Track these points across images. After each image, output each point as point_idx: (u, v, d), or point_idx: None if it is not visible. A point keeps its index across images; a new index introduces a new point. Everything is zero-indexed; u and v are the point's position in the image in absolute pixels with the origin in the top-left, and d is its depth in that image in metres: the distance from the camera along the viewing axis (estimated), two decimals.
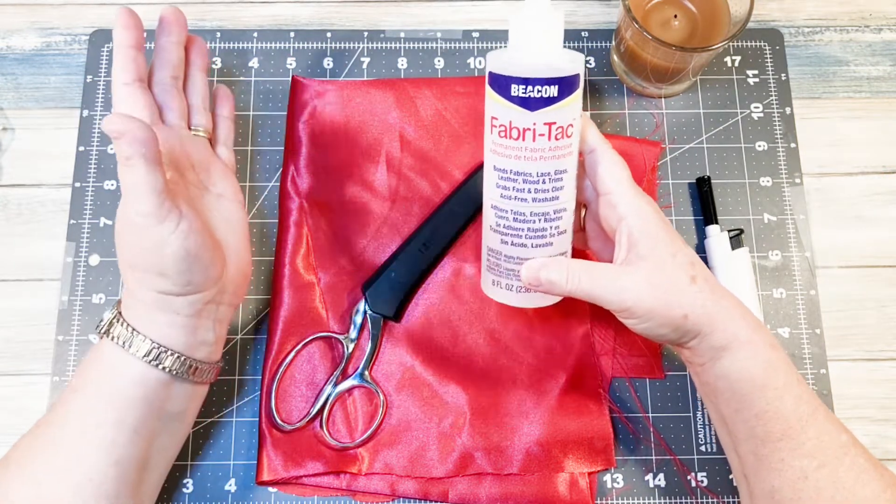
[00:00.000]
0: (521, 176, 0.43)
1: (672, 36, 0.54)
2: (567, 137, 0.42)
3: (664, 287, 0.41)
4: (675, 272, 0.42)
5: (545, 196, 0.43)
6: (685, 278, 0.42)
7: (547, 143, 0.42)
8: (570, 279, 0.43)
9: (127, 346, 0.42)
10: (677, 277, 0.42)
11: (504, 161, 0.43)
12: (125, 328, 0.42)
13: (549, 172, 0.43)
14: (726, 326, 0.41)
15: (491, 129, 0.43)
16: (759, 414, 0.41)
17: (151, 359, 0.42)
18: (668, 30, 0.54)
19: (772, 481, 0.41)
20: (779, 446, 0.41)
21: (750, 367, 0.41)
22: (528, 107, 0.41)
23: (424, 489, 0.50)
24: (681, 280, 0.42)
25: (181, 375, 0.43)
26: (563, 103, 0.41)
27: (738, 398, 0.42)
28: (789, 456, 0.40)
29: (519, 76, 0.41)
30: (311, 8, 0.61)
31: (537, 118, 0.41)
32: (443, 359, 0.52)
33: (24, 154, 0.57)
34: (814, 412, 0.41)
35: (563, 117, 0.42)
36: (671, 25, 0.54)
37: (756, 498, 0.42)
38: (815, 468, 0.40)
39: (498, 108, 0.42)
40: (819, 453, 0.40)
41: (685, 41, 0.54)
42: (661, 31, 0.54)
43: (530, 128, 0.42)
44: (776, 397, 0.41)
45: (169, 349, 0.42)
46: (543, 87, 0.41)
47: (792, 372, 0.42)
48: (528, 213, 0.43)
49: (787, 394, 0.41)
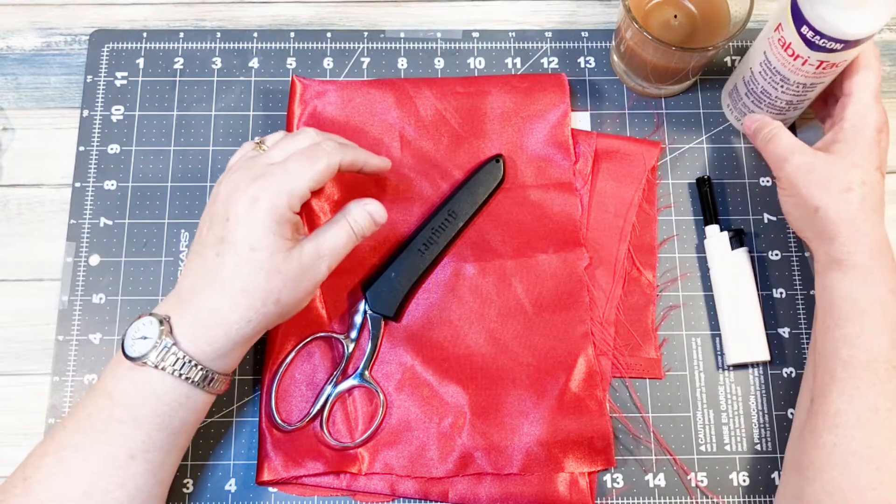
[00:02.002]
0: (780, 76, 0.50)
1: (672, 36, 0.54)
2: (832, 67, 0.48)
3: (819, 178, 0.45)
4: (839, 174, 0.45)
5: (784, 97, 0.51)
6: (842, 184, 0.45)
7: (812, 70, 0.48)
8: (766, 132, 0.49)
9: (187, 378, 0.41)
10: (836, 179, 0.45)
11: (773, 57, 0.49)
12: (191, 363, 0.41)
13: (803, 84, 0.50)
14: (849, 242, 0.44)
15: (775, 28, 0.48)
16: (849, 336, 0.42)
17: (207, 387, 0.42)
18: (668, 30, 0.54)
19: (839, 404, 0.41)
20: (859, 374, 0.41)
21: (856, 291, 0.43)
22: (809, 46, 0.46)
23: (424, 489, 0.50)
24: (837, 181, 0.45)
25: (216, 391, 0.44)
26: (839, 54, 0.46)
27: (836, 315, 0.43)
28: (866, 386, 0.41)
29: (813, 24, 0.45)
30: (311, 8, 0.61)
31: (812, 55, 0.47)
32: (443, 359, 0.52)
33: (24, 154, 0.57)
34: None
35: (835, 59, 0.47)
36: (671, 25, 0.54)
37: (816, 417, 0.42)
38: (889, 409, 0.40)
39: (786, 25, 0.47)
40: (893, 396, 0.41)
41: (685, 41, 0.54)
42: (662, 31, 0.54)
43: (804, 57, 0.47)
44: (874, 329, 0.42)
45: (222, 375, 0.43)
46: (829, 42, 0.45)
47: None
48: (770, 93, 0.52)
49: (884, 330, 0.42)
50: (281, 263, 0.42)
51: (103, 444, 0.41)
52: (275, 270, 0.42)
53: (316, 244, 0.44)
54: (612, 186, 0.55)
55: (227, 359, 0.43)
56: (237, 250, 0.41)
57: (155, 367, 0.41)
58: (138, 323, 0.42)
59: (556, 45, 0.59)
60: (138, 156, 0.56)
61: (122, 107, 0.57)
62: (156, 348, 0.41)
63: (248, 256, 0.41)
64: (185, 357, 0.41)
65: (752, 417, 0.52)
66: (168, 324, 0.42)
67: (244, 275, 0.41)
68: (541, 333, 0.53)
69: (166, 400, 0.41)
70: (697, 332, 0.54)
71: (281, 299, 0.42)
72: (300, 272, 0.43)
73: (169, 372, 0.41)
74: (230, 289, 0.41)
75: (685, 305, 0.54)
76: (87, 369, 0.52)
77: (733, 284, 0.52)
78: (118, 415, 0.41)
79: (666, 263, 0.55)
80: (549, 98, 0.56)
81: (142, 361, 0.41)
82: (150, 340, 0.41)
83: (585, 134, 0.56)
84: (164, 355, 0.41)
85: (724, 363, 0.53)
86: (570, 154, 0.55)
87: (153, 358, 0.41)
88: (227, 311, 0.41)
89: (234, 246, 0.41)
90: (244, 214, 0.41)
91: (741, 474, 0.51)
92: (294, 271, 0.42)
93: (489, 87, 0.57)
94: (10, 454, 0.50)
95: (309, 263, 0.43)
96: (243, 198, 0.42)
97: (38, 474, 0.41)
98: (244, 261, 0.41)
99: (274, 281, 0.42)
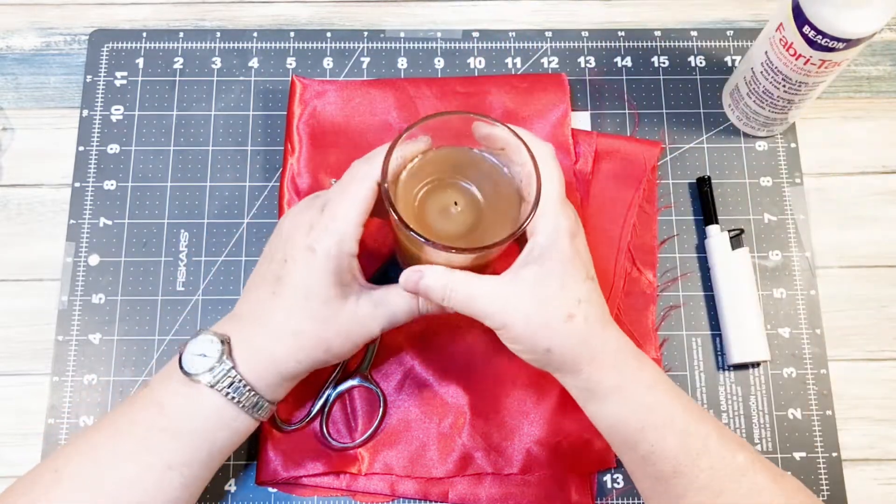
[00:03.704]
0: (782, 75, 0.50)
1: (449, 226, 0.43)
2: (834, 66, 0.48)
3: (536, 316, 0.40)
4: (553, 304, 0.40)
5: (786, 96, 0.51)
6: (562, 313, 0.40)
7: (814, 69, 0.48)
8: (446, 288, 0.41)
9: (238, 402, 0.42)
10: (554, 310, 0.40)
11: (775, 57, 0.49)
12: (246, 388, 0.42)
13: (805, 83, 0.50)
14: (592, 371, 0.40)
15: (776, 28, 0.48)
16: (645, 456, 0.41)
17: (255, 413, 0.43)
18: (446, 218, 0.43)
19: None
20: (673, 483, 0.40)
21: (621, 413, 0.41)
22: (811, 45, 0.46)
23: (424, 489, 0.50)
24: (556, 313, 0.40)
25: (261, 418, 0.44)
26: (841, 53, 0.46)
27: (620, 442, 0.42)
28: (685, 490, 0.40)
29: (814, 23, 0.45)
30: (311, 8, 0.61)
31: (814, 54, 0.47)
32: (443, 359, 0.52)
33: (24, 154, 0.57)
34: (704, 441, 0.40)
35: (837, 58, 0.47)
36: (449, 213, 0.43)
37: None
38: (713, 498, 0.39)
39: (788, 25, 0.47)
40: (714, 483, 0.40)
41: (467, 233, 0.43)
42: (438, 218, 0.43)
43: (806, 56, 0.47)
44: (659, 438, 0.40)
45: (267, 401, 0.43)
46: (831, 41, 0.45)
47: (675, 405, 0.41)
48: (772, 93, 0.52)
49: (670, 432, 0.40)
50: (333, 315, 0.42)
51: (144, 453, 0.41)
52: (327, 321, 0.42)
53: (373, 303, 0.43)
54: (612, 186, 0.55)
55: (276, 390, 0.43)
56: (293, 294, 0.42)
57: (210, 387, 0.41)
58: (200, 339, 0.42)
59: (556, 45, 0.59)
60: (138, 156, 0.56)
61: (122, 107, 0.57)
62: (214, 368, 0.41)
63: (303, 304, 0.42)
64: (241, 381, 0.41)
65: (752, 417, 0.52)
66: (228, 345, 0.42)
67: (296, 320, 0.42)
68: None
69: (214, 419, 0.42)
70: (697, 332, 0.54)
71: (331, 349, 0.43)
72: (351, 325, 0.43)
73: (223, 393, 0.41)
74: (282, 331, 0.42)
75: (685, 305, 0.54)
76: (86, 369, 0.52)
77: (734, 285, 0.52)
78: (163, 425, 0.41)
79: (666, 263, 0.55)
80: (550, 98, 0.56)
81: (197, 378, 0.41)
82: (210, 360, 0.41)
83: (585, 134, 0.56)
84: (221, 376, 0.41)
85: (724, 363, 0.53)
86: (570, 154, 0.55)
87: (209, 378, 0.41)
88: (279, 350, 0.42)
89: (290, 289, 0.42)
90: (302, 261, 0.42)
91: None
92: (346, 325, 0.42)
93: (489, 86, 0.57)
94: (10, 454, 0.50)
95: (362, 320, 0.43)
96: (301, 244, 0.42)
97: (69, 469, 0.41)
98: (299, 308, 0.42)
99: (325, 331, 0.42)
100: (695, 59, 0.59)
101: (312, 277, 0.41)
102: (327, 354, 0.43)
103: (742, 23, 0.61)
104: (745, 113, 0.55)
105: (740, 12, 0.61)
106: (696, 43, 0.60)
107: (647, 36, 0.60)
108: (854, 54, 0.47)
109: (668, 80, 0.59)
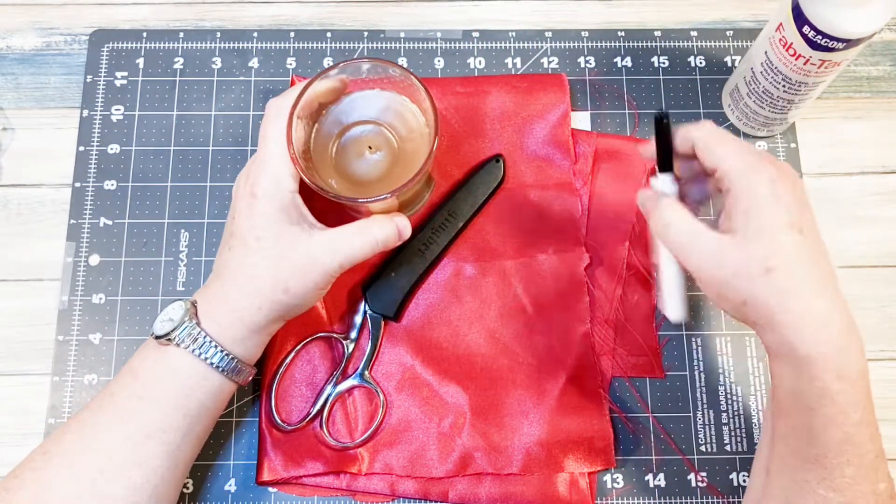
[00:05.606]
0: (782, 75, 0.50)
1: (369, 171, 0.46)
2: (834, 66, 0.48)
3: (733, 267, 0.38)
4: (751, 256, 0.38)
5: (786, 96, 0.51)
6: (759, 267, 0.38)
7: (814, 69, 0.48)
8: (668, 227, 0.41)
9: (205, 358, 0.43)
10: (751, 262, 0.38)
11: (774, 57, 0.49)
12: (210, 343, 0.43)
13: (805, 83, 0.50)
14: (785, 332, 0.37)
15: (776, 28, 0.48)
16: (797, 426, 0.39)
17: (225, 370, 0.43)
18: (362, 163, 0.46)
19: (789, 496, 0.39)
20: (808, 468, 0.38)
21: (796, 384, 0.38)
22: (811, 45, 0.46)
23: (424, 489, 0.50)
24: (753, 266, 0.38)
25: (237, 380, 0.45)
26: (841, 53, 0.46)
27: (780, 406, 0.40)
28: (815, 480, 0.38)
29: (814, 24, 0.45)
30: (311, 8, 0.61)
31: (814, 54, 0.46)
32: (443, 359, 0.52)
33: (24, 154, 0.57)
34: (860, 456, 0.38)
35: (837, 58, 0.47)
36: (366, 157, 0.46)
37: (767, 499, 0.41)
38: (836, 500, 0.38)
39: (788, 25, 0.47)
40: (848, 490, 0.38)
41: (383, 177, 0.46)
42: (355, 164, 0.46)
43: (806, 56, 0.47)
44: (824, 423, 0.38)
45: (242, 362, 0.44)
46: (831, 41, 0.45)
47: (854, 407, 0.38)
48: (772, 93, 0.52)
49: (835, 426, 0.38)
50: (287, 250, 0.43)
51: (121, 423, 0.42)
52: (280, 259, 0.43)
53: (330, 238, 0.44)
54: (612, 186, 0.55)
55: (245, 344, 0.44)
56: (244, 241, 0.43)
57: (177, 346, 0.42)
58: (169, 306, 0.44)
59: (556, 45, 0.59)
60: (138, 156, 0.56)
61: (122, 107, 0.57)
62: (179, 328, 0.42)
63: (255, 247, 0.43)
64: (205, 337, 0.42)
65: (752, 417, 0.52)
66: (193, 307, 0.44)
67: (250, 263, 0.43)
68: (541, 333, 0.52)
69: (183, 378, 0.43)
70: (697, 332, 0.54)
71: (290, 288, 0.43)
72: (308, 260, 0.43)
73: (189, 350, 0.42)
74: (239, 278, 0.43)
75: None
76: (87, 369, 0.52)
77: None
78: (138, 392, 0.43)
79: None
80: (549, 98, 0.56)
81: (166, 340, 0.42)
82: (176, 321, 0.43)
83: (585, 134, 0.56)
84: (184, 334, 0.42)
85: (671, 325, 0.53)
86: (570, 154, 0.55)
87: (175, 337, 0.42)
88: (237, 298, 0.43)
89: (240, 238, 0.44)
90: (246, 209, 0.43)
91: (741, 474, 0.51)
92: (301, 259, 0.43)
93: (489, 86, 0.57)
94: (10, 454, 0.50)
95: (318, 253, 0.43)
96: (243, 194, 0.44)
97: (57, 449, 0.42)
98: (252, 251, 0.43)
99: (280, 267, 0.43)
100: (695, 59, 0.59)
101: (259, 219, 0.43)
102: (287, 295, 0.43)
103: (742, 23, 0.61)
104: (745, 113, 0.55)
105: (740, 12, 0.61)
106: (696, 43, 0.60)
107: (647, 36, 0.60)
108: (854, 54, 0.47)
109: (668, 81, 0.59)
